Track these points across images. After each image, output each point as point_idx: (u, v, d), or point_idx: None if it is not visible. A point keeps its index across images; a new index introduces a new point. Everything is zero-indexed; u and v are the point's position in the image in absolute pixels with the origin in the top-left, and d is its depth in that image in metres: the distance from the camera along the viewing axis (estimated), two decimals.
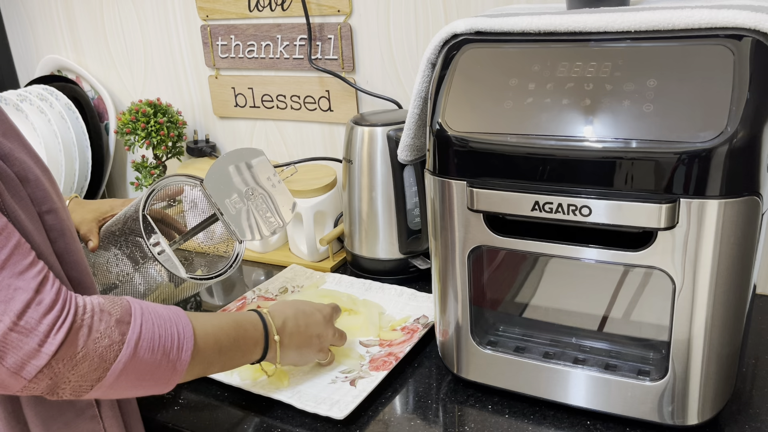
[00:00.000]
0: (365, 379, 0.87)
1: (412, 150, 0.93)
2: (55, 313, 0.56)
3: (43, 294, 0.56)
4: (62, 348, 0.56)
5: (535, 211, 0.72)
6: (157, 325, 0.64)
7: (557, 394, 0.81)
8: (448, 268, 0.82)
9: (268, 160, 1.03)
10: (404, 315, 1.03)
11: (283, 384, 0.87)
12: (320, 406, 0.82)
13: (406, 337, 0.96)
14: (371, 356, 0.93)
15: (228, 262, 1.03)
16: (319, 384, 0.88)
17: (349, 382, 0.87)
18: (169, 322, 0.65)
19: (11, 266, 0.55)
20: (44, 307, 0.56)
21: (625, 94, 0.68)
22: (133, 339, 0.61)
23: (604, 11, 0.74)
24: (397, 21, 1.23)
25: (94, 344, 0.59)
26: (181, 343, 0.65)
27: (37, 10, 1.64)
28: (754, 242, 0.68)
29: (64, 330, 0.56)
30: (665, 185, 0.66)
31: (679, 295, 0.70)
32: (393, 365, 0.89)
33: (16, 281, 0.55)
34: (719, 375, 0.73)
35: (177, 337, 0.65)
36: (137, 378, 0.62)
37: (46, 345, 0.56)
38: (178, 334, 0.65)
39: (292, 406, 0.83)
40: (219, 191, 0.97)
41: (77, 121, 1.48)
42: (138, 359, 0.61)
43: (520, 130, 0.71)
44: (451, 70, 0.77)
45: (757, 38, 0.65)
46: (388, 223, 1.13)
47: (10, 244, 0.56)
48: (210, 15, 1.40)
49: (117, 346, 0.60)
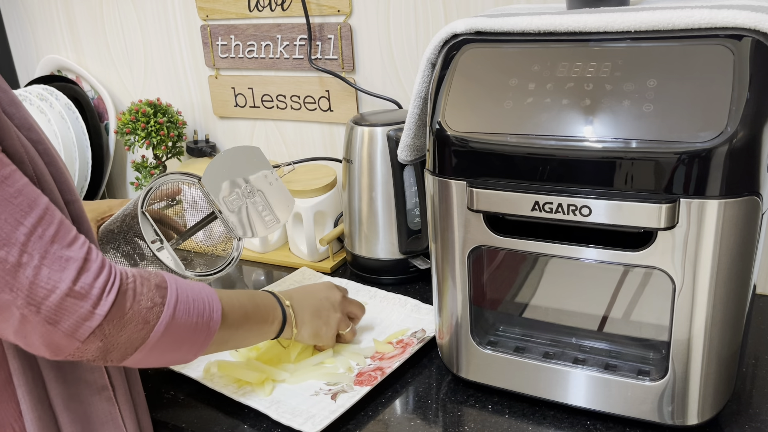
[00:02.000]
0: (347, 393, 0.85)
1: (412, 150, 0.93)
2: (104, 277, 0.61)
3: (91, 262, 0.61)
4: (112, 309, 0.61)
5: (535, 211, 0.72)
6: (189, 291, 0.70)
7: (557, 394, 0.81)
8: (448, 268, 0.82)
9: (265, 158, 1.03)
10: (403, 327, 1.00)
11: (266, 392, 0.87)
12: (296, 418, 0.81)
13: (398, 352, 0.94)
14: (360, 369, 0.91)
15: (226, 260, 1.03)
16: (302, 394, 0.86)
17: (330, 396, 0.85)
18: (198, 289, 0.72)
19: (60, 239, 0.60)
20: (93, 272, 0.61)
21: (625, 94, 0.68)
22: (172, 302, 0.67)
23: (604, 11, 0.74)
24: (397, 21, 1.23)
25: (139, 306, 0.64)
26: (212, 306, 0.72)
27: (37, 10, 1.64)
28: (754, 242, 0.68)
29: (113, 292, 0.62)
30: (665, 185, 0.66)
31: (679, 295, 0.70)
32: (377, 381, 0.87)
33: (67, 251, 0.60)
34: (719, 375, 0.73)
35: (207, 301, 0.71)
36: (175, 341, 0.68)
37: (99, 307, 0.60)
38: (207, 299, 0.72)
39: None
40: (217, 189, 0.97)
41: (77, 121, 1.48)
42: (177, 321, 0.67)
43: (520, 130, 0.71)
44: (451, 70, 0.77)
45: (757, 38, 0.65)
46: (388, 223, 1.13)
47: (56, 220, 0.61)
48: (210, 15, 1.40)
49: (158, 308, 0.65)
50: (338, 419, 0.81)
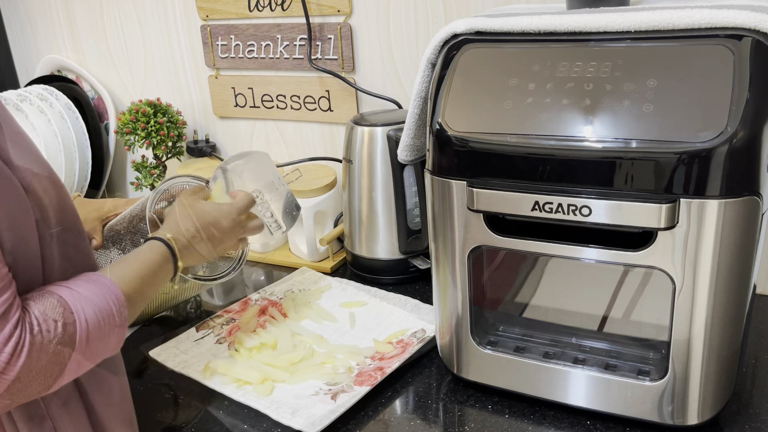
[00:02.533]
0: (347, 393, 0.85)
1: (412, 150, 0.93)
2: (13, 342, 0.58)
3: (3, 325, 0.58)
4: (21, 371, 0.58)
5: (535, 211, 0.72)
6: (94, 307, 0.65)
7: (557, 394, 0.81)
8: (448, 268, 0.82)
9: (274, 165, 1.02)
10: (403, 327, 1.01)
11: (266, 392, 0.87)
12: (295, 418, 0.81)
13: (398, 352, 0.94)
14: (360, 369, 0.91)
15: (232, 263, 1.03)
16: (302, 394, 0.87)
17: (331, 396, 0.85)
18: (101, 295, 0.67)
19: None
20: (2, 338, 0.57)
21: (625, 94, 0.67)
22: (83, 336, 0.63)
23: (604, 11, 0.74)
24: (397, 21, 1.23)
25: (49, 356, 0.61)
26: (116, 304, 0.67)
27: (37, 10, 1.64)
28: (754, 242, 0.68)
29: (23, 357, 0.58)
30: (665, 185, 0.66)
31: (679, 295, 0.70)
32: (378, 381, 0.87)
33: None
34: (719, 375, 0.73)
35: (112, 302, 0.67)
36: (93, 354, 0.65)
37: (6, 373, 0.58)
38: (111, 300, 0.67)
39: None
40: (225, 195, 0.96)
41: (77, 121, 1.48)
42: (90, 345, 0.64)
43: (520, 130, 0.71)
44: (451, 70, 0.77)
45: (757, 38, 0.65)
46: (388, 223, 1.13)
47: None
48: (210, 15, 1.40)
49: (69, 349, 0.62)
50: (338, 419, 0.81)
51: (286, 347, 0.97)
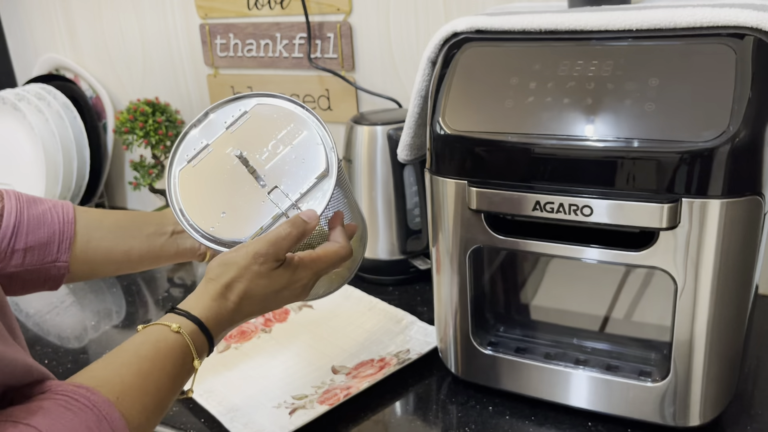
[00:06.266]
0: (305, 411, 0.82)
1: (412, 149, 0.92)
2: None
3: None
4: None
5: (536, 211, 0.72)
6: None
7: (558, 395, 0.81)
8: (448, 269, 0.82)
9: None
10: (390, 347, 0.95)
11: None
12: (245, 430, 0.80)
13: (374, 371, 0.90)
14: (329, 386, 0.88)
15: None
16: (266, 405, 0.85)
17: (289, 411, 0.83)
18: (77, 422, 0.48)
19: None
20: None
21: (627, 93, 0.67)
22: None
23: (606, 9, 0.73)
24: (397, 19, 1.22)
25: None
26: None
27: (35, 8, 1.63)
28: (757, 242, 0.68)
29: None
30: (667, 185, 0.65)
31: (681, 295, 0.70)
32: (339, 401, 0.83)
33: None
34: (721, 376, 0.72)
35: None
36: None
37: None
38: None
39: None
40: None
41: (75, 120, 1.48)
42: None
43: (521, 130, 0.71)
44: (452, 69, 0.76)
45: (759, 37, 0.64)
46: (388, 223, 1.13)
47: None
48: (209, 13, 1.39)
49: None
50: (338, 419, 0.81)
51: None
